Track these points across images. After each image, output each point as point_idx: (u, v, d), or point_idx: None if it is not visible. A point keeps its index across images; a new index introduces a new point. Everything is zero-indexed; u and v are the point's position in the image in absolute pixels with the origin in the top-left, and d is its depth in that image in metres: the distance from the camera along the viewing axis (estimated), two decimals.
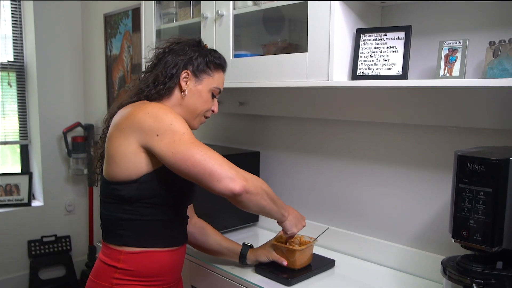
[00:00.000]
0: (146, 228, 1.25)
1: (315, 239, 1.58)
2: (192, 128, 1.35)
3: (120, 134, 1.21)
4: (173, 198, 1.29)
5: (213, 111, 1.41)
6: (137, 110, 1.21)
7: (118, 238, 1.25)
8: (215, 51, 1.41)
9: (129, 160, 1.19)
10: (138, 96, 1.33)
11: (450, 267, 1.14)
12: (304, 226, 1.45)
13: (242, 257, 1.56)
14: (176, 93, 1.33)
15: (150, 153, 1.20)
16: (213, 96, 1.39)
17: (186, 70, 1.32)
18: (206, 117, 1.41)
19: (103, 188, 1.29)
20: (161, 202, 1.25)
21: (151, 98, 1.32)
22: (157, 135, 1.16)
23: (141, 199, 1.22)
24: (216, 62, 1.37)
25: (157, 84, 1.32)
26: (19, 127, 3.42)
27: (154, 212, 1.24)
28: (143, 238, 1.24)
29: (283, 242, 1.56)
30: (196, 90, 1.34)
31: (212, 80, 1.36)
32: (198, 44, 1.39)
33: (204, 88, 1.35)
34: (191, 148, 1.15)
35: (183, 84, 1.32)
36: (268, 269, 1.51)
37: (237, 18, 1.76)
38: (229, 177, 1.14)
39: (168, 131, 1.16)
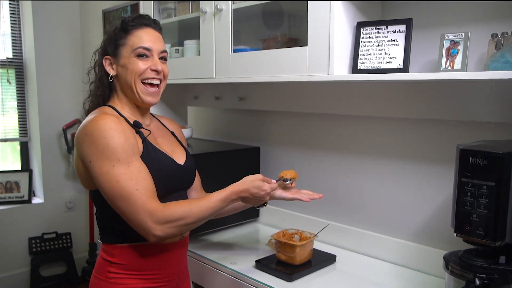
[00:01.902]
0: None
1: (315, 235, 1.58)
2: (146, 103, 1.27)
3: (75, 151, 1.22)
4: None
5: (155, 70, 1.25)
6: (80, 130, 1.18)
7: (108, 237, 1.27)
8: (124, 17, 1.28)
9: (87, 175, 1.20)
10: (89, 105, 1.32)
11: (453, 262, 1.14)
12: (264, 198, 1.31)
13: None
14: (115, 83, 1.29)
15: None
16: (143, 57, 1.24)
17: (105, 56, 1.27)
18: (151, 79, 1.25)
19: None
20: None
21: (101, 103, 1.30)
22: (90, 162, 1.15)
23: None
24: (124, 27, 1.25)
25: (97, 86, 1.30)
26: (19, 124, 3.41)
27: None
28: (130, 235, 1.21)
29: (283, 238, 1.55)
30: (121, 66, 1.26)
31: (129, 46, 1.24)
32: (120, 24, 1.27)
33: (126, 59, 1.24)
34: (113, 191, 1.13)
35: (111, 71, 1.27)
36: (269, 265, 1.51)
37: (237, 13, 1.74)
38: (141, 228, 1.13)
39: (99, 159, 1.13)
